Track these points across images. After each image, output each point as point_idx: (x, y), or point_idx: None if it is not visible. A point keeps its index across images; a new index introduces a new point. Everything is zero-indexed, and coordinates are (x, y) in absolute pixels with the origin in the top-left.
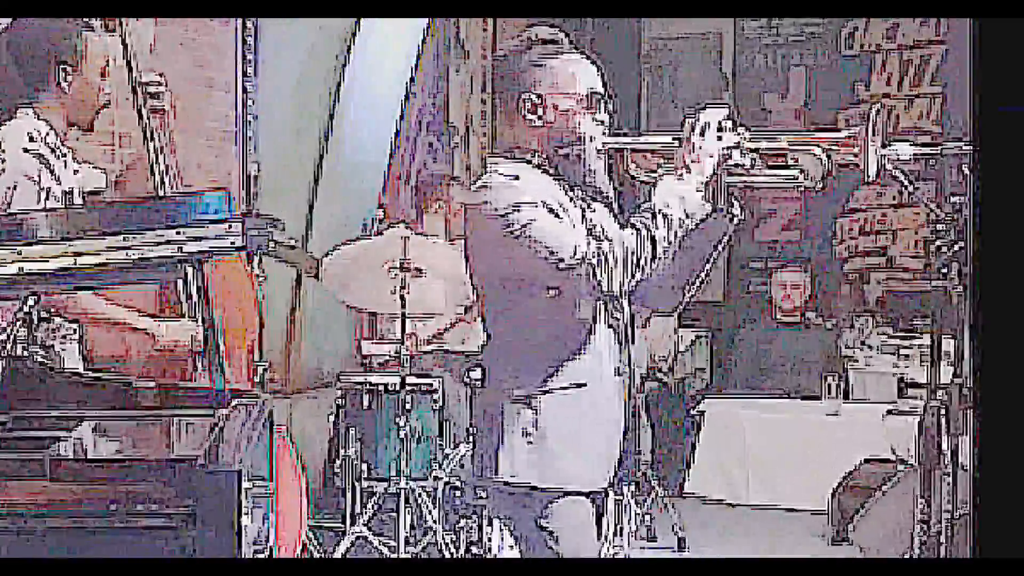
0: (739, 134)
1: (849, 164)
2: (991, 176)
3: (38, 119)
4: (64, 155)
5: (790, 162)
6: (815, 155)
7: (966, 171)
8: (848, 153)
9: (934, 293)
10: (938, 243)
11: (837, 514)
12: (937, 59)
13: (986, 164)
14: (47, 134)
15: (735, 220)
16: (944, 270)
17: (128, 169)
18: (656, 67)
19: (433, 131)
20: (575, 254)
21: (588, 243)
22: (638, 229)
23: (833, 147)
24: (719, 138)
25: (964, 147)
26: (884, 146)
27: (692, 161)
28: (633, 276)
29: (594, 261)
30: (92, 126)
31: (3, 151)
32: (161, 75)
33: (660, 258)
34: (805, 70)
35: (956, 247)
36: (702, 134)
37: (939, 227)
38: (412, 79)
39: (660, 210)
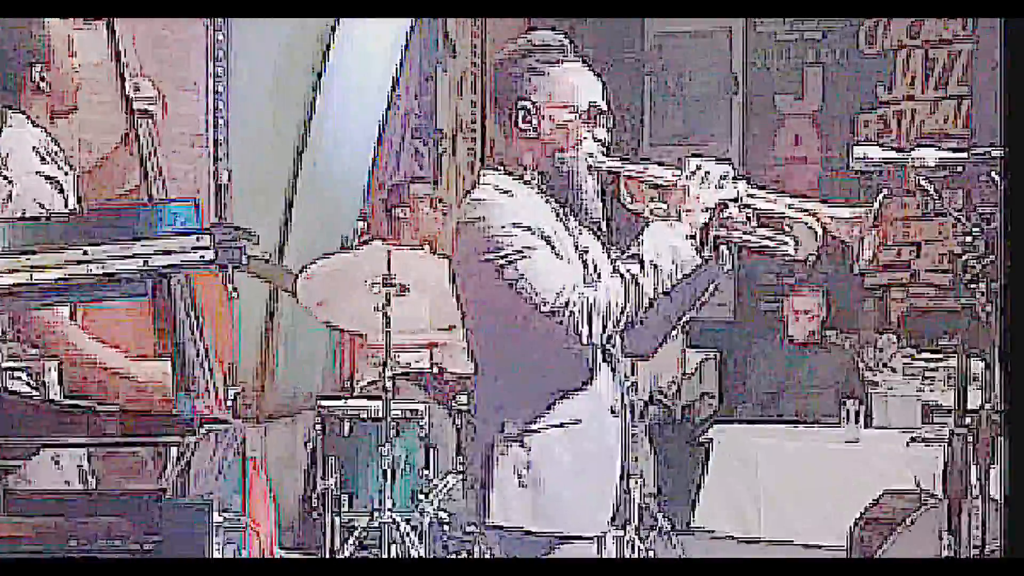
0: (736, 188)
1: (843, 243)
2: (1023, 184)
3: (34, 125)
4: (64, 167)
5: (785, 228)
6: (811, 228)
7: (996, 178)
8: (846, 233)
9: (962, 311)
10: (966, 257)
11: (856, 550)
12: (965, 58)
13: (1017, 171)
14: (47, 143)
15: (725, 270)
16: (972, 286)
17: (89, 173)
18: (660, 65)
19: (419, 136)
20: (558, 299)
21: (574, 288)
22: (624, 277)
23: (831, 224)
24: (719, 187)
25: (994, 152)
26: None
27: (686, 210)
28: (616, 326)
29: (575, 310)
30: (75, 107)
31: (8, 168)
32: (153, 82)
33: (644, 307)
34: (822, 69)
35: (985, 261)
36: (700, 184)
37: (967, 239)
38: (396, 79)
39: (650, 259)
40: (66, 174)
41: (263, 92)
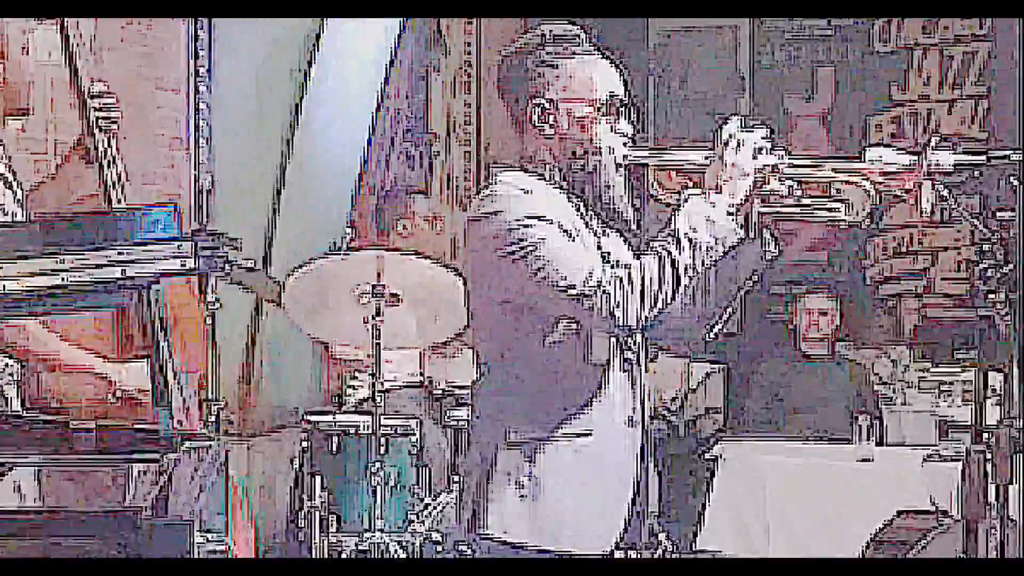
0: (778, 156)
1: (900, 197)
2: None
3: None
4: (11, 166)
5: (833, 192)
6: (863, 188)
7: (1015, 183)
8: (900, 188)
9: (979, 321)
10: (983, 265)
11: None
12: (982, 57)
13: None
14: None
15: (769, 256)
16: (990, 295)
17: (51, 179)
18: (664, 64)
19: (410, 139)
20: (588, 280)
21: (603, 269)
22: (659, 254)
23: (882, 180)
24: (755, 158)
25: (1012, 156)
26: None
27: (723, 180)
28: (653, 307)
29: (609, 289)
30: (31, 109)
31: None
32: (108, 87)
33: (683, 287)
34: (833, 68)
35: (1004, 270)
36: (736, 151)
37: (984, 247)
38: (386, 79)
39: (685, 233)
40: (14, 176)
41: (247, 93)
